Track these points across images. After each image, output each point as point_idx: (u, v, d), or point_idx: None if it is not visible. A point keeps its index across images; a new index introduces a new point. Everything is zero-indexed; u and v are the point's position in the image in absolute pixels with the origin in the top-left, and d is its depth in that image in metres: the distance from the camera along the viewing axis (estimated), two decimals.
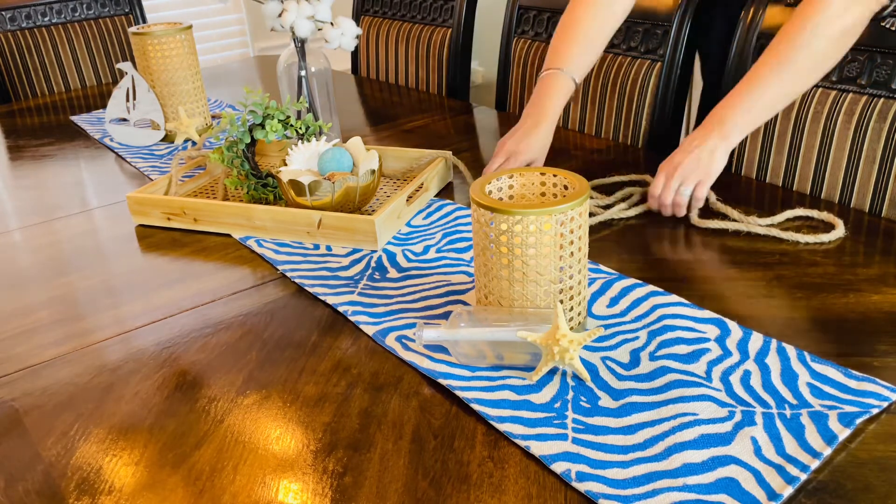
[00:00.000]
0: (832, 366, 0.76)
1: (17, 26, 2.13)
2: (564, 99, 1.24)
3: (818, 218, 1.07)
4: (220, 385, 0.81)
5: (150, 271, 1.07)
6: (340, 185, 1.08)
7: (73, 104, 1.98)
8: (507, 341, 0.78)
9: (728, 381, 0.75)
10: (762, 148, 1.29)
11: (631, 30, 1.51)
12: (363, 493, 0.65)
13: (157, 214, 1.19)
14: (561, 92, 1.23)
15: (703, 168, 1.06)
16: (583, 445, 0.68)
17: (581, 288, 0.82)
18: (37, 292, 1.03)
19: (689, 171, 1.07)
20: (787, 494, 0.62)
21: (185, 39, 1.59)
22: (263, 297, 0.98)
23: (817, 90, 1.21)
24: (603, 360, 0.80)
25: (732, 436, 0.68)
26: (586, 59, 1.27)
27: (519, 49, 1.73)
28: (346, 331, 0.89)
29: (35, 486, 0.69)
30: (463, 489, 0.65)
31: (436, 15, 1.97)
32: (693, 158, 1.07)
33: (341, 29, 1.37)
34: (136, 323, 0.94)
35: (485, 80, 3.91)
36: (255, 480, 0.68)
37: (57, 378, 0.84)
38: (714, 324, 0.84)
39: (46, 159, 1.56)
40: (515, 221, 0.76)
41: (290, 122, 1.18)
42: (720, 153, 1.07)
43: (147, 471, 0.70)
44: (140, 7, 2.30)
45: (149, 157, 1.52)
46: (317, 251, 1.08)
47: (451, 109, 1.73)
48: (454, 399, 0.76)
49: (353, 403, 0.77)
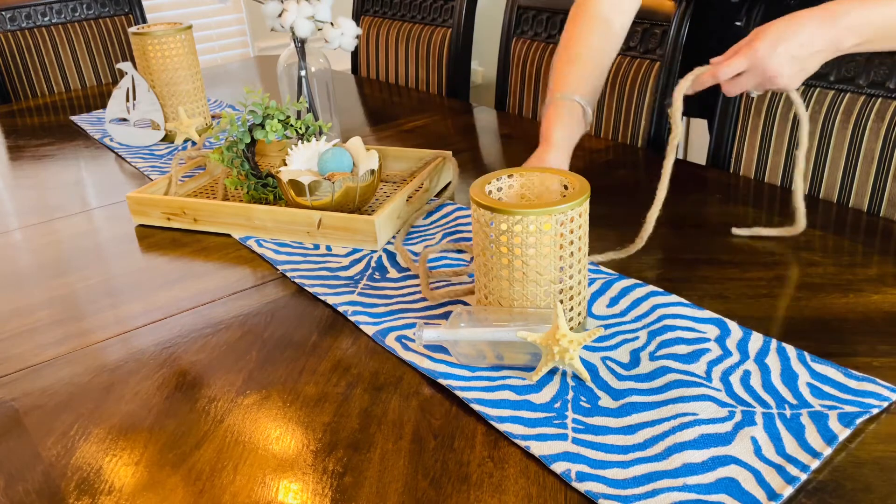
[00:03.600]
0: (832, 366, 0.76)
1: (17, 26, 2.13)
2: (567, 119, 1.08)
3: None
4: (220, 385, 0.81)
5: (150, 271, 1.07)
6: (340, 185, 1.08)
7: (73, 104, 1.98)
8: (507, 341, 0.78)
9: (728, 381, 0.75)
10: (761, 147, 1.29)
11: (631, 30, 1.51)
12: (363, 493, 0.65)
13: (157, 214, 1.19)
14: (560, 116, 1.09)
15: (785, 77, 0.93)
16: (583, 445, 0.68)
17: (581, 288, 0.82)
18: (37, 292, 1.03)
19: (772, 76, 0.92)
20: (787, 494, 0.62)
21: (185, 39, 1.59)
22: (263, 297, 0.98)
23: (815, 90, 1.22)
24: (603, 360, 0.80)
25: (732, 436, 0.68)
26: (586, 78, 1.13)
27: (519, 49, 1.73)
28: (346, 331, 0.89)
29: (35, 486, 0.69)
30: (463, 489, 0.65)
31: (436, 15, 1.97)
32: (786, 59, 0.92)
33: (341, 29, 1.37)
34: (136, 323, 0.94)
35: (485, 80, 3.91)
36: (255, 480, 0.68)
37: (57, 378, 0.84)
38: (714, 324, 0.84)
39: (46, 159, 1.56)
40: (515, 221, 0.76)
41: (290, 122, 1.18)
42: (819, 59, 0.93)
43: (147, 471, 0.70)
44: (140, 7, 2.30)
45: (149, 157, 1.52)
46: (317, 251, 1.08)
47: (451, 109, 1.73)
48: (454, 399, 0.76)
49: (353, 403, 0.77)
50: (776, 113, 1.27)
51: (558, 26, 1.65)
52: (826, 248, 1.00)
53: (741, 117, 1.32)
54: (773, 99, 1.27)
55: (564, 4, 1.63)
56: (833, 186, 1.20)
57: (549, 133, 1.07)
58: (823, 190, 1.22)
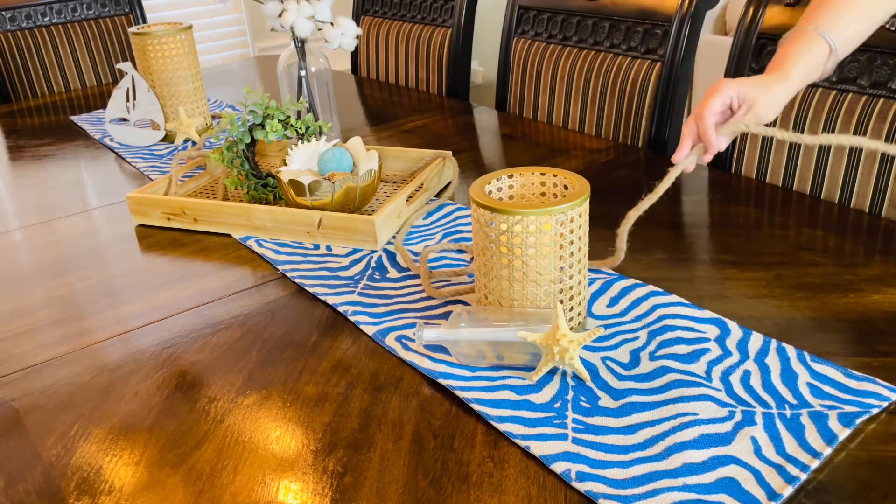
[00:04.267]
0: (832, 366, 0.76)
1: (17, 26, 2.13)
2: (813, 58, 0.91)
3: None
4: (220, 385, 0.81)
5: (150, 271, 1.07)
6: (340, 185, 1.08)
7: (73, 104, 1.98)
8: (507, 341, 0.78)
9: (728, 380, 0.75)
10: (762, 148, 1.29)
11: (631, 30, 1.51)
12: (363, 493, 0.65)
13: (157, 214, 1.19)
14: (807, 50, 0.91)
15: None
16: (583, 445, 0.68)
17: (581, 288, 0.82)
18: (37, 292, 1.03)
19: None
20: (787, 494, 0.62)
21: (185, 39, 1.60)
22: (263, 297, 0.98)
23: (817, 90, 1.22)
24: (603, 360, 0.80)
25: (732, 436, 0.68)
26: (849, 21, 0.92)
27: (519, 49, 1.73)
28: (346, 331, 0.89)
29: (35, 486, 0.69)
30: (463, 489, 0.65)
31: (436, 15, 1.97)
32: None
33: (341, 29, 1.37)
34: (136, 323, 0.94)
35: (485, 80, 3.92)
36: (255, 480, 0.68)
37: (57, 378, 0.84)
38: (714, 324, 0.84)
39: (46, 159, 1.56)
40: (515, 221, 0.76)
41: (290, 122, 1.18)
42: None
43: (147, 471, 0.70)
44: (140, 7, 2.30)
45: (149, 157, 1.52)
46: (317, 251, 1.08)
47: (451, 109, 1.73)
48: (454, 399, 0.76)
49: (353, 403, 0.77)
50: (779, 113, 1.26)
51: (559, 26, 1.65)
52: (826, 249, 1.00)
53: None
54: None
55: (565, 4, 1.63)
56: (834, 187, 1.20)
57: (787, 64, 0.90)
58: (825, 191, 1.21)
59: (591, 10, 1.58)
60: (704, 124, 0.88)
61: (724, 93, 0.89)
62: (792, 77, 0.90)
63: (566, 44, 1.63)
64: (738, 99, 0.89)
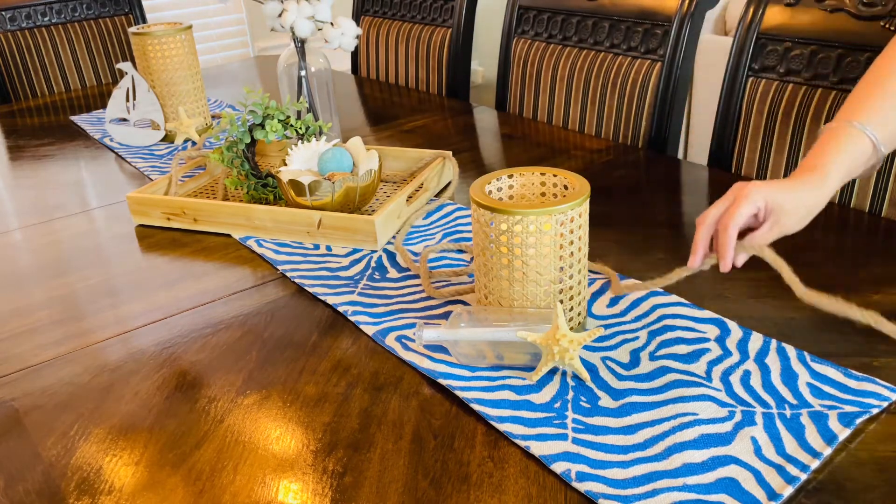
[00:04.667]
0: (832, 366, 0.76)
1: (17, 26, 2.13)
2: (853, 156, 0.83)
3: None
4: (220, 385, 0.81)
5: (150, 271, 1.07)
6: (340, 185, 1.08)
7: (73, 104, 1.98)
8: (507, 341, 0.78)
9: (728, 381, 0.75)
10: (762, 148, 1.29)
11: (631, 30, 1.51)
12: (363, 493, 0.65)
13: (157, 214, 1.19)
14: (846, 146, 0.83)
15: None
16: (583, 445, 0.68)
17: (581, 288, 0.82)
18: (37, 292, 1.03)
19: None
20: (787, 494, 0.62)
21: (185, 39, 1.60)
22: (263, 297, 0.98)
23: (817, 90, 1.22)
24: (603, 360, 0.80)
25: (732, 436, 0.68)
26: (890, 112, 0.86)
27: (519, 49, 1.73)
28: (346, 331, 0.89)
29: (35, 486, 0.69)
30: (463, 489, 0.65)
31: (436, 15, 1.97)
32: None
33: (341, 29, 1.37)
34: (136, 323, 0.94)
35: (485, 80, 3.92)
36: (255, 480, 0.68)
37: (57, 378, 0.84)
38: (714, 324, 0.84)
39: (46, 159, 1.56)
40: (515, 221, 0.76)
41: (290, 122, 1.18)
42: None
43: (147, 471, 0.70)
44: (140, 7, 2.30)
45: (149, 157, 1.52)
46: (317, 251, 1.08)
47: (451, 109, 1.73)
48: (454, 399, 0.76)
49: (353, 403, 0.77)
50: (778, 113, 1.27)
51: (559, 26, 1.65)
52: (827, 249, 1.00)
53: (742, 117, 1.32)
54: (775, 99, 1.27)
55: (565, 4, 1.63)
56: None
57: (824, 163, 0.82)
58: None
59: (591, 10, 1.58)
60: (727, 239, 0.79)
61: (753, 202, 0.79)
62: (829, 181, 0.81)
63: (566, 44, 1.63)
64: (765, 209, 0.80)
